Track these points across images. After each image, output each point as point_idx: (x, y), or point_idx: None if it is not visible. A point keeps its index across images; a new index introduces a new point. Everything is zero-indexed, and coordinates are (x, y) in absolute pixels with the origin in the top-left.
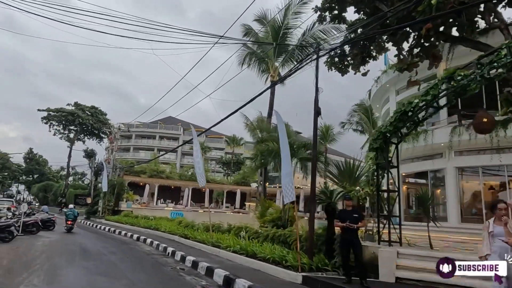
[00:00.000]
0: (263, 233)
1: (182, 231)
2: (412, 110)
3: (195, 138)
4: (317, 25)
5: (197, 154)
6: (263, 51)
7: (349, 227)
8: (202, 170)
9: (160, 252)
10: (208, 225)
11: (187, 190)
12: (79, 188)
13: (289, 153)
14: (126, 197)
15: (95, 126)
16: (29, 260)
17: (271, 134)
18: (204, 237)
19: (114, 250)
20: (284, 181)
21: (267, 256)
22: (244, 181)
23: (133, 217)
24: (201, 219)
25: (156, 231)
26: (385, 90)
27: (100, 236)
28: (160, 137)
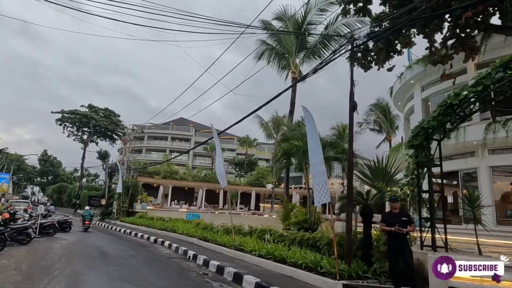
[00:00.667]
0: (289, 236)
1: (201, 233)
2: (459, 103)
3: (216, 138)
4: (341, 18)
5: (219, 154)
6: (283, 47)
7: (399, 232)
8: (223, 171)
9: (180, 255)
10: (228, 227)
11: (201, 191)
12: (93, 189)
13: (321, 151)
14: (140, 199)
15: (109, 128)
16: (49, 265)
17: (295, 132)
18: (225, 240)
19: (133, 253)
20: (317, 181)
21: (299, 262)
22: (258, 182)
23: (148, 219)
24: (218, 220)
25: (173, 233)
26: (409, 87)
27: (117, 238)
28: (172, 138)
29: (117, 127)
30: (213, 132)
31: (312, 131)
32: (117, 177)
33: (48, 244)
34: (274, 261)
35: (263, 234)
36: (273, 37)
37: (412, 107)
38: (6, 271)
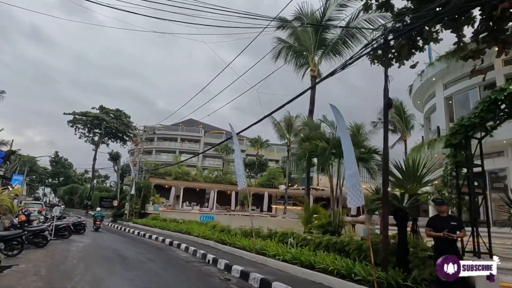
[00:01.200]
0: (313, 240)
1: (218, 236)
2: (504, 98)
3: (235, 138)
4: (362, 14)
5: (237, 155)
6: (301, 44)
7: (448, 238)
8: (243, 172)
9: (198, 259)
10: (247, 230)
11: (212, 193)
12: (104, 190)
13: (352, 151)
14: (152, 200)
15: (119, 129)
16: (68, 270)
17: (317, 132)
18: (245, 244)
19: (151, 257)
20: (350, 183)
21: (329, 268)
22: (270, 183)
23: (161, 220)
24: (233, 222)
25: (188, 235)
26: (430, 85)
27: (131, 240)
28: (182, 139)
29: (128, 128)
30: (232, 133)
31: (344, 131)
32: (129, 178)
33: (65, 247)
34: (301, 267)
35: (285, 237)
36: (291, 35)
37: (433, 106)
38: (26, 277)
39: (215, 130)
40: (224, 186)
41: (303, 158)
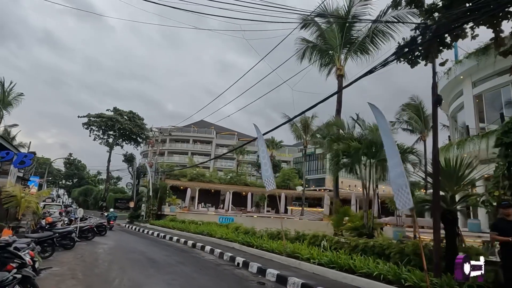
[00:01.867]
0: (349, 243)
1: (243, 238)
2: None
3: (261, 139)
4: (391, 11)
5: (264, 155)
6: (326, 43)
7: None
8: (271, 173)
9: (227, 262)
10: (273, 232)
11: (228, 194)
12: (118, 192)
13: (397, 151)
14: (169, 201)
15: (133, 131)
16: (103, 273)
17: (348, 132)
18: (274, 246)
19: (179, 259)
20: (397, 184)
21: (374, 273)
22: (284, 184)
23: (179, 222)
24: (254, 224)
25: (209, 237)
26: (457, 83)
27: (153, 242)
28: (194, 140)
29: (141, 130)
30: (257, 133)
31: (385, 131)
32: (144, 180)
33: (91, 249)
34: (340, 271)
35: (316, 240)
36: (315, 34)
37: (460, 105)
38: (65, 280)
39: (227, 132)
40: (240, 187)
41: (335, 159)
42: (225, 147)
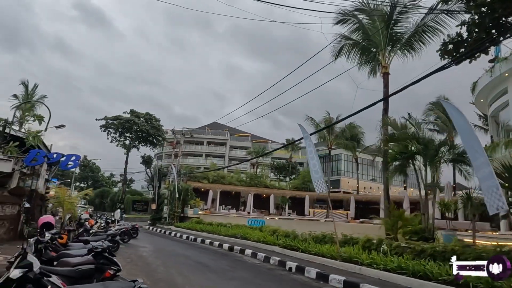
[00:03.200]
0: (413, 247)
1: (285, 241)
2: None
3: (308, 139)
4: (441, 5)
5: (312, 156)
6: (368, 39)
7: None
8: (321, 175)
9: (276, 266)
10: (317, 235)
11: (250, 196)
12: (136, 194)
13: (482, 150)
14: (192, 203)
15: (150, 133)
16: (168, 278)
17: (403, 132)
18: (324, 250)
19: (228, 263)
20: (486, 185)
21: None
22: (304, 186)
23: (206, 224)
24: (287, 227)
25: (244, 240)
26: (501, 81)
27: (188, 245)
28: (208, 142)
29: (158, 131)
30: (303, 134)
31: (465, 129)
32: (166, 182)
33: (135, 252)
34: (413, 277)
35: (370, 244)
36: (355, 31)
37: (504, 103)
38: None
39: (240, 134)
40: (260, 190)
41: (389, 160)
42: (238, 149)
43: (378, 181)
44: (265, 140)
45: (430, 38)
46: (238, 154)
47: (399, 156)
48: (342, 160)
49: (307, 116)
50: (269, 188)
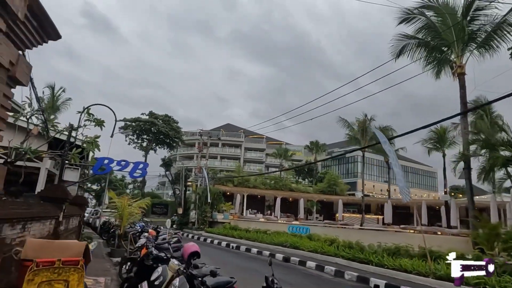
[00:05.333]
0: None
1: (351, 253)
2: None
3: (387, 144)
4: None
5: (395, 163)
6: (437, 37)
7: None
8: (405, 183)
9: (355, 282)
10: (389, 247)
11: (278, 200)
12: (155, 197)
13: None
14: (219, 207)
15: (169, 134)
16: None
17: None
18: (408, 265)
19: (302, 279)
20: None
21: None
22: (331, 189)
23: (243, 231)
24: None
25: (295, 250)
26: None
27: (236, 254)
28: (222, 144)
29: (177, 133)
30: (380, 139)
31: None
32: (193, 185)
33: None
34: None
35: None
36: (422, 29)
37: None
38: None
39: (254, 135)
40: (287, 193)
41: (496, 166)
42: (253, 150)
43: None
44: (279, 142)
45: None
46: (253, 156)
47: (499, 162)
48: (359, 162)
49: (339, 117)
50: (295, 192)
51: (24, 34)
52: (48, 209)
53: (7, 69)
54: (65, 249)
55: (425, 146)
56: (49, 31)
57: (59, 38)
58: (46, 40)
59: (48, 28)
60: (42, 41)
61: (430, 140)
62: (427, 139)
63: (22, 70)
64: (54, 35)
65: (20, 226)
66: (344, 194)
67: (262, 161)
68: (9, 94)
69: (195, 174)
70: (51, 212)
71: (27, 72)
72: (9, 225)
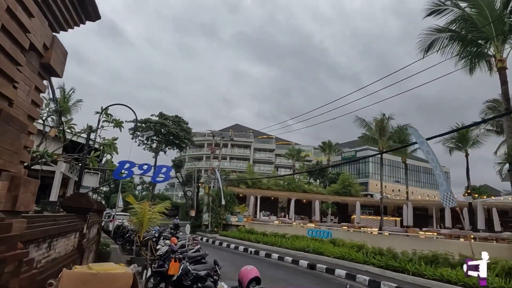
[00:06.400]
0: None
1: (384, 260)
2: None
3: (425, 145)
4: None
5: (435, 165)
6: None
7: None
8: (447, 187)
9: None
10: (426, 255)
11: (292, 202)
12: (165, 199)
13: None
14: (232, 210)
15: (180, 135)
16: None
17: None
18: (452, 276)
19: None
20: None
21: None
22: (345, 191)
23: (260, 234)
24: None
25: (318, 255)
26: None
27: (257, 260)
28: (232, 145)
29: (187, 134)
30: (416, 139)
31: None
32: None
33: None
34: None
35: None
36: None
37: None
38: None
39: (263, 136)
40: (302, 195)
41: None
42: (262, 151)
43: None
44: (288, 142)
45: None
46: (262, 157)
47: None
48: (370, 162)
49: (356, 116)
50: (309, 193)
51: (61, 12)
52: (74, 221)
53: (40, 54)
54: (110, 282)
55: (446, 145)
56: (89, 10)
57: (98, 19)
58: (84, 21)
59: (88, 6)
60: (80, 22)
61: (452, 139)
62: (448, 138)
63: (57, 56)
64: (94, 15)
65: (45, 245)
66: (360, 195)
67: (271, 161)
68: (41, 87)
69: (208, 176)
70: (77, 225)
71: (63, 60)
72: (35, 245)
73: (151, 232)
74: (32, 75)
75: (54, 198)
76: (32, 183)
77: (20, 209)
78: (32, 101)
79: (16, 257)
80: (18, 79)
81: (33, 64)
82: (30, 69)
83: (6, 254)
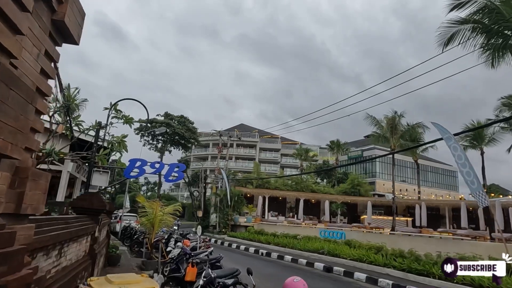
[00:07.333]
0: None
1: (407, 263)
2: None
3: (453, 140)
4: None
5: (464, 163)
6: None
7: None
8: (478, 186)
9: None
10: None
11: (300, 202)
12: (171, 199)
13: None
14: (241, 210)
15: (185, 135)
16: None
17: None
18: (484, 280)
19: None
20: None
21: None
22: (354, 190)
23: (270, 235)
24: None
25: (333, 257)
26: None
27: (268, 262)
28: (237, 145)
29: (193, 134)
30: (442, 134)
31: None
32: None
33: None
34: None
35: None
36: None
37: None
38: None
39: (269, 135)
40: (311, 195)
41: None
42: (268, 151)
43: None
44: (293, 142)
45: None
46: (268, 157)
47: None
48: (377, 162)
49: (367, 114)
50: (317, 193)
51: None
52: (86, 224)
53: (52, 7)
54: None
55: (460, 143)
56: None
57: None
58: None
59: None
60: None
61: (467, 137)
62: (463, 137)
63: (73, 14)
64: None
65: (56, 252)
66: (369, 195)
67: (277, 161)
68: (53, 53)
69: (215, 176)
70: (89, 228)
71: (80, 21)
72: (44, 253)
73: (159, 233)
74: (41, 34)
75: (60, 199)
76: (43, 177)
77: (27, 211)
78: (42, 70)
79: (21, 281)
80: (24, 30)
81: (43, 20)
82: (39, 25)
83: (8, 278)
